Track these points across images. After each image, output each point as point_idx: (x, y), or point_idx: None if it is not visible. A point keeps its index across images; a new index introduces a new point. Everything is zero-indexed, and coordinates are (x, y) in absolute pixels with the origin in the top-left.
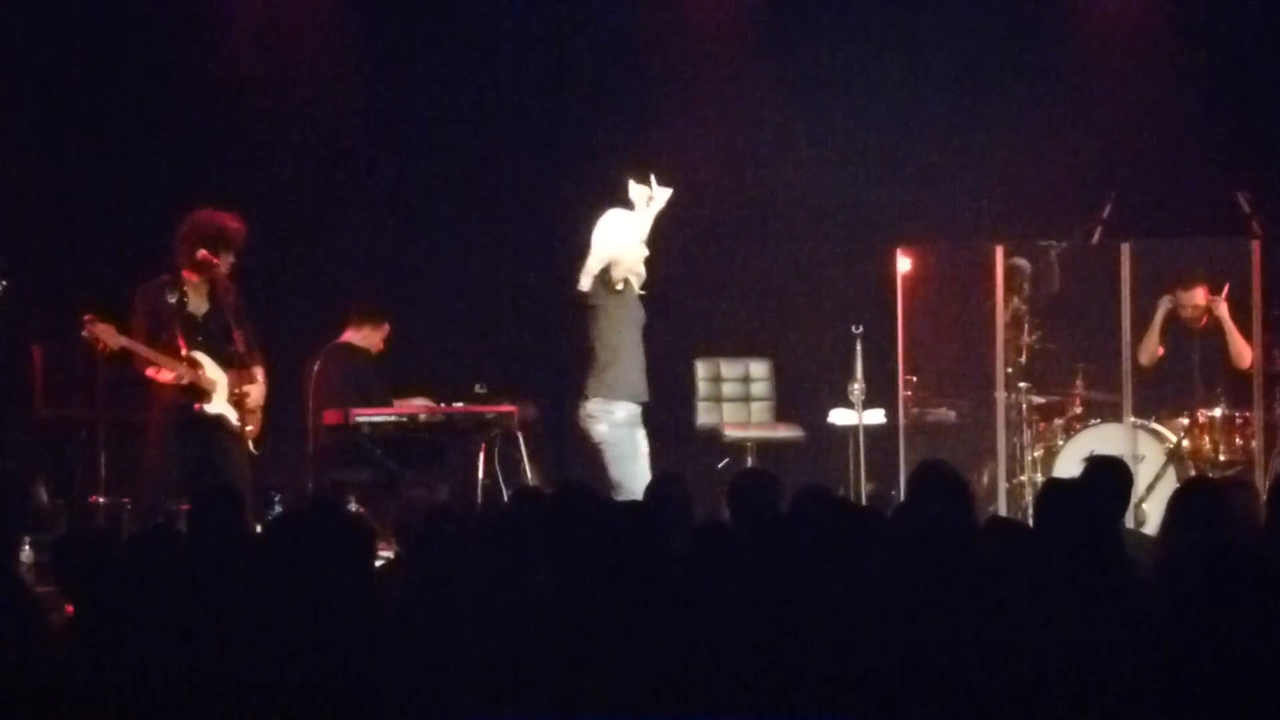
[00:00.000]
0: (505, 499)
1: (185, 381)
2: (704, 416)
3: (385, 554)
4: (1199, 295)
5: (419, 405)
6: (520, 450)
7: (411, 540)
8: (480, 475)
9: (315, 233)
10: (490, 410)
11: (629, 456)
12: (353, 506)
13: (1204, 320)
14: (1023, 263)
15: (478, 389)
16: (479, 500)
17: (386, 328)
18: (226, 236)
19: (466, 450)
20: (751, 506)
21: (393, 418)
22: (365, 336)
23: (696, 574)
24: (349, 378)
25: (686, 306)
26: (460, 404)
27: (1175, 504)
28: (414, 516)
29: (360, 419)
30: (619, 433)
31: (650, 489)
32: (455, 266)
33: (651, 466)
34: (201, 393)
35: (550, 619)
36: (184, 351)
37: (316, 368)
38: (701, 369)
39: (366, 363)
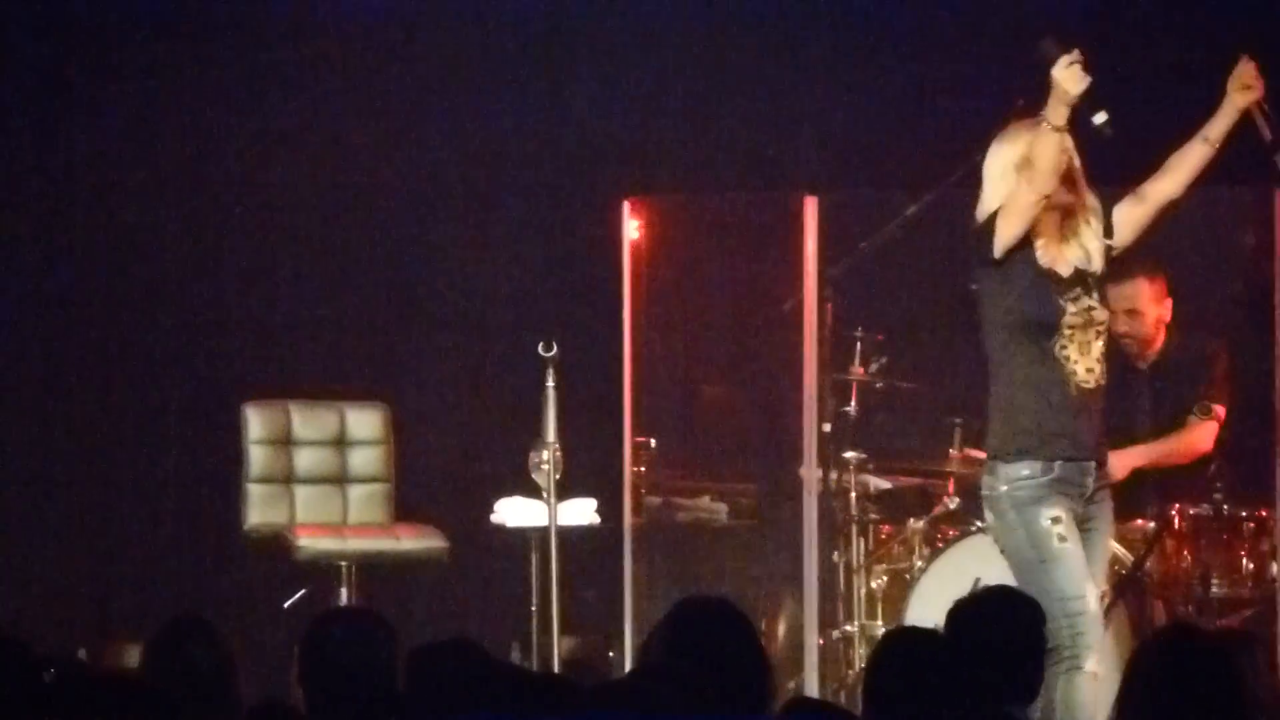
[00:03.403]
0: None
1: None
2: (260, 510)
3: None
4: (1140, 295)
5: None
6: None
7: None
8: None
9: None
10: None
11: (1042, 560)
12: None
13: (1156, 340)
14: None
15: None
16: None
17: None
18: None
19: None
20: (340, 678)
21: None
22: None
23: None
24: None
25: (229, 307)
26: None
27: (1139, 676)
28: None
29: None
30: (1015, 519)
31: (152, 650)
32: None
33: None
34: None
35: None
36: None
37: None
38: (256, 422)
39: None
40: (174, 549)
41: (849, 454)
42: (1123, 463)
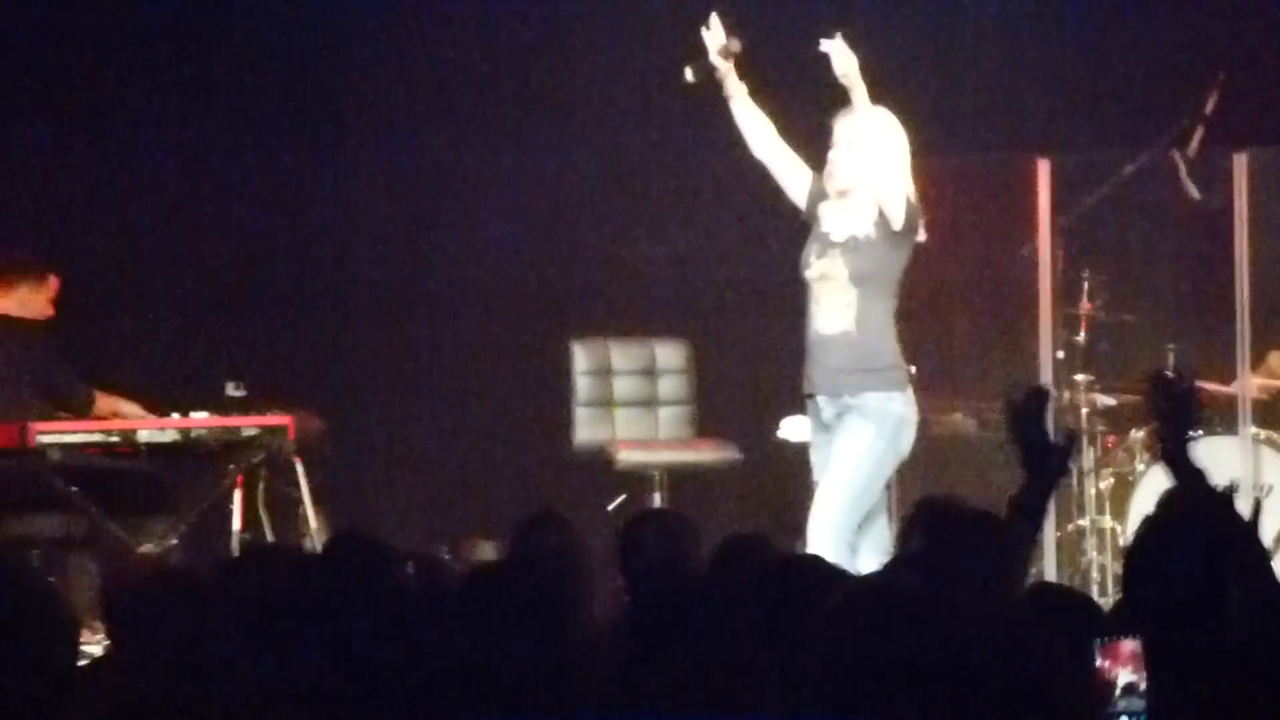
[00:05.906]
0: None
1: None
2: (586, 429)
3: (91, 647)
4: None
5: (133, 418)
6: (299, 484)
7: (126, 626)
8: (237, 524)
9: None
10: (251, 424)
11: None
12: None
13: None
14: None
15: (231, 390)
16: (234, 561)
17: (54, 284)
18: None
19: (212, 485)
20: (654, 566)
21: (98, 436)
22: (24, 301)
23: (563, 670)
24: (15, 369)
25: (559, 260)
26: (203, 413)
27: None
28: (126, 590)
29: (45, 438)
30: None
31: (515, 537)
32: (185, 201)
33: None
34: None
35: None
36: None
37: None
38: (582, 356)
39: (37, 340)
40: (517, 463)
41: (1079, 376)
42: None
